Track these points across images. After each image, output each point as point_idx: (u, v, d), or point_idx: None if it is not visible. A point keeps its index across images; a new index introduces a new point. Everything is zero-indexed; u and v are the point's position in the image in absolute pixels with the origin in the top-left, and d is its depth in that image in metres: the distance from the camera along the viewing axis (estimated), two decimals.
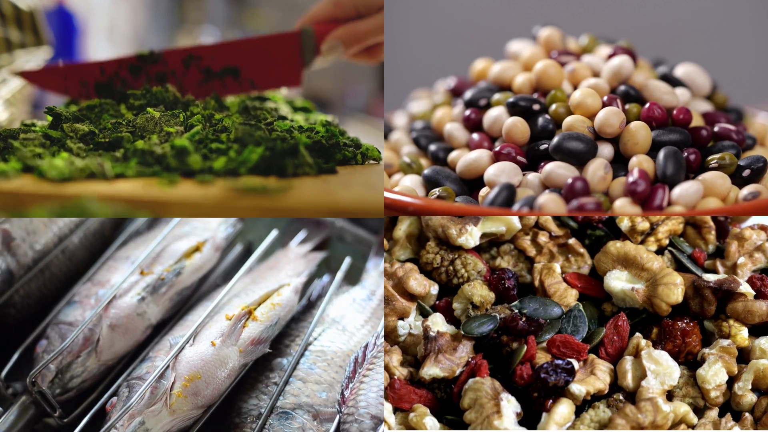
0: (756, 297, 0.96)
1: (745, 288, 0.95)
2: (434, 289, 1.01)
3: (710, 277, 0.96)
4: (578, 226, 1.03)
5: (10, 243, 1.15)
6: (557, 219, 1.02)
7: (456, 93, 1.19)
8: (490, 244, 1.03)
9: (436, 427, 0.92)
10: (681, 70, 1.13)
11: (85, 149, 1.05)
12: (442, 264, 1.01)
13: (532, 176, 1.03)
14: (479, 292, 0.97)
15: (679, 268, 1.00)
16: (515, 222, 1.00)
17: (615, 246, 0.98)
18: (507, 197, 1.00)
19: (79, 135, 1.07)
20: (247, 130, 1.04)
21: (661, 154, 1.00)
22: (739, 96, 1.26)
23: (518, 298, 0.98)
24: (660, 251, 1.01)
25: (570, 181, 0.99)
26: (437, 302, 1.00)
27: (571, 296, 0.98)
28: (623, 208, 0.98)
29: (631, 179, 0.98)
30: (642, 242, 1.01)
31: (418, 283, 1.00)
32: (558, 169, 1.01)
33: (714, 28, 2.06)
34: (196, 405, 0.99)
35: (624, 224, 1.00)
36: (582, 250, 1.02)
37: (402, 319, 0.99)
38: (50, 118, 1.11)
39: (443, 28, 2.13)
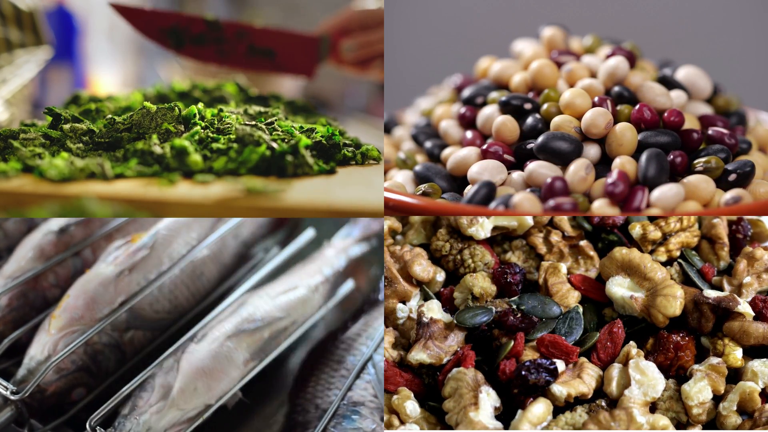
0: (755, 318, 0.95)
1: (744, 308, 0.94)
2: (440, 276, 1.01)
3: (710, 293, 0.95)
4: (593, 229, 1.03)
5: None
6: (573, 219, 1.02)
7: (461, 90, 1.19)
8: (504, 237, 1.04)
9: (416, 411, 0.93)
10: (682, 73, 1.13)
11: (84, 149, 1.05)
12: (451, 252, 1.01)
13: (516, 175, 1.03)
14: (480, 283, 0.97)
15: (686, 281, 1.00)
16: (527, 218, 1.01)
17: (620, 252, 0.98)
18: (485, 195, 1.00)
19: (78, 135, 1.07)
20: (247, 130, 1.04)
21: (644, 156, 1.00)
22: (757, 100, 1.25)
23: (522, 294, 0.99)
24: (670, 263, 1.01)
25: (549, 180, 0.99)
26: (442, 289, 1.00)
27: (572, 297, 0.98)
28: (601, 209, 0.98)
29: (609, 180, 0.98)
30: (652, 251, 1.00)
31: (423, 268, 1.00)
32: (540, 169, 1.01)
33: (735, 30, 2.05)
34: (202, 402, 0.98)
35: (635, 232, 1.00)
36: (592, 253, 1.01)
37: (403, 302, 1.00)
38: (50, 119, 1.11)
39: (444, 27, 2.12)
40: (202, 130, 1.07)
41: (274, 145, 1.02)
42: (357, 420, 1.01)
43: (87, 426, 0.93)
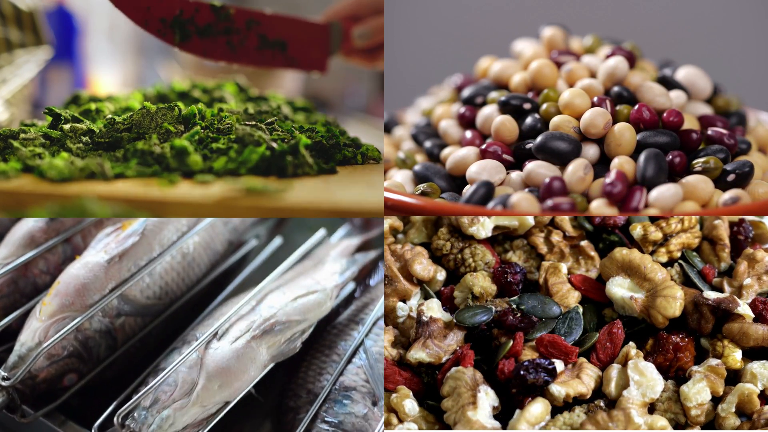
0: (755, 320, 0.95)
1: (744, 310, 0.94)
2: (441, 275, 1.01)
3: (710, 295, 0.95)
4: (594, 229, 1.03)
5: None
6: (575, 219, 1.03)
7: (461, 90, 1.19)
8: (505, 237, 1.04)
9: (414, 410, 0.93)
10: (682, 73, 1.13)
11: (84, 149, 1.05)
12: (452, 251, 1.01)
13: (515, 175, 1.03)
14: (480, 283, 0.98)
15: (687, 282, 1.00)
16: (528, 217, 1.01)
17: (621, 253, 0.98)
18: (483, 195, 1.00)
19: (78, 135, 1.07)
20: (247, 130, 1.04)
21: (642, 156, 1.00)
22: (760, 101, 1.25)
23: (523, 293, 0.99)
24: (671, 263, 1.01)
25: (547, 180, 0.99)
26: (443, 288, 1.01)
27: (572, 298, 0.98)
28: (599, 209, 0.98)
29: (608, 180, 0.98)
30: (653, 252, 1.00)
31: (423, 267, 1.00)
32: (538, 169, 1.01)
33: (738, 30, 2.04)
34: (222, 399, 0.98)
35: (636, 232, 1.00)
36: (593, 253, 1.01)
37: (404, 301, 1.00)
38: (50, 119, 1.11)
39: (446, 27, 2.12)
40: (202, 130, 1.07)
41: (274, 145, 1.02)
42: (348, 405, 1.02)
43: (114, 421, 0.93)
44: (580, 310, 0.98)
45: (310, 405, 1.02)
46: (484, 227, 1.00)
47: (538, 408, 0.89)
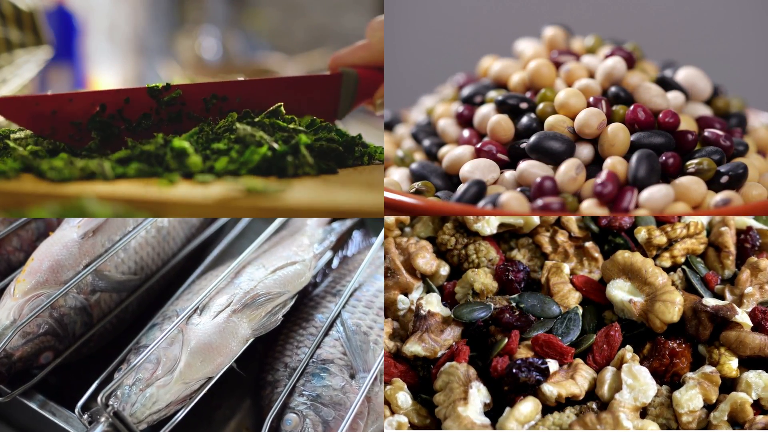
0: (753, 329, 0.94)
1: (742, 318, 0.94)
2: (444, 269, 1.02)
3: (709, 302, 0.95)
4: (600, 230, 1.03)
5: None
6: (581, 220, 1.03)
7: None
8: (511, 235, 1.04)
9: (407, 402, 0.93)
10: (682, 74, 1.13)
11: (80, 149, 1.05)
12: (456, 247, 1.02)
13: (509, 174, 1.04)
14: (481, 279, 0.98)
15: (689, 288, 0.99)
16: (533, 216, 1.01)
17: (623, 255, 0.97)
18: (475, 194, 1.01)
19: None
20: (248, 130, 1.04)
21: (634, 157, 1.00)
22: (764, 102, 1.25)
23: (525, 292, 0.98)
24: (674, 269, 1.01)
25: (538, 180, 0.99)
26: (445, 283, 1.01)
27: (573, 298, 0.98)
28: (590, 209, 0.98)
29: (598, 181, 0.98)
30: (657, 256, 1.00)
31: (426, 261, 1.00)
32: (531, 168, 1.02)
33: (747, 32, 2.04)
34: (205, 375, 0.98)
35: (641, 235, 1.00)
36: (597, 255, 1.01)
37: (405, 294, 1.00)
38: None
39: (451, 26, 2.12)
40: (201, 132, 1.07)
41: (275, 145, 1.02)
42: (326, 377, 1.02)
43: (98, 400, 0.93)
44: (580, 311, 0.98)
45: (288, 379, 1.03)
46: (489, 224, 1.01)
47: (527, 407, 0.89)
